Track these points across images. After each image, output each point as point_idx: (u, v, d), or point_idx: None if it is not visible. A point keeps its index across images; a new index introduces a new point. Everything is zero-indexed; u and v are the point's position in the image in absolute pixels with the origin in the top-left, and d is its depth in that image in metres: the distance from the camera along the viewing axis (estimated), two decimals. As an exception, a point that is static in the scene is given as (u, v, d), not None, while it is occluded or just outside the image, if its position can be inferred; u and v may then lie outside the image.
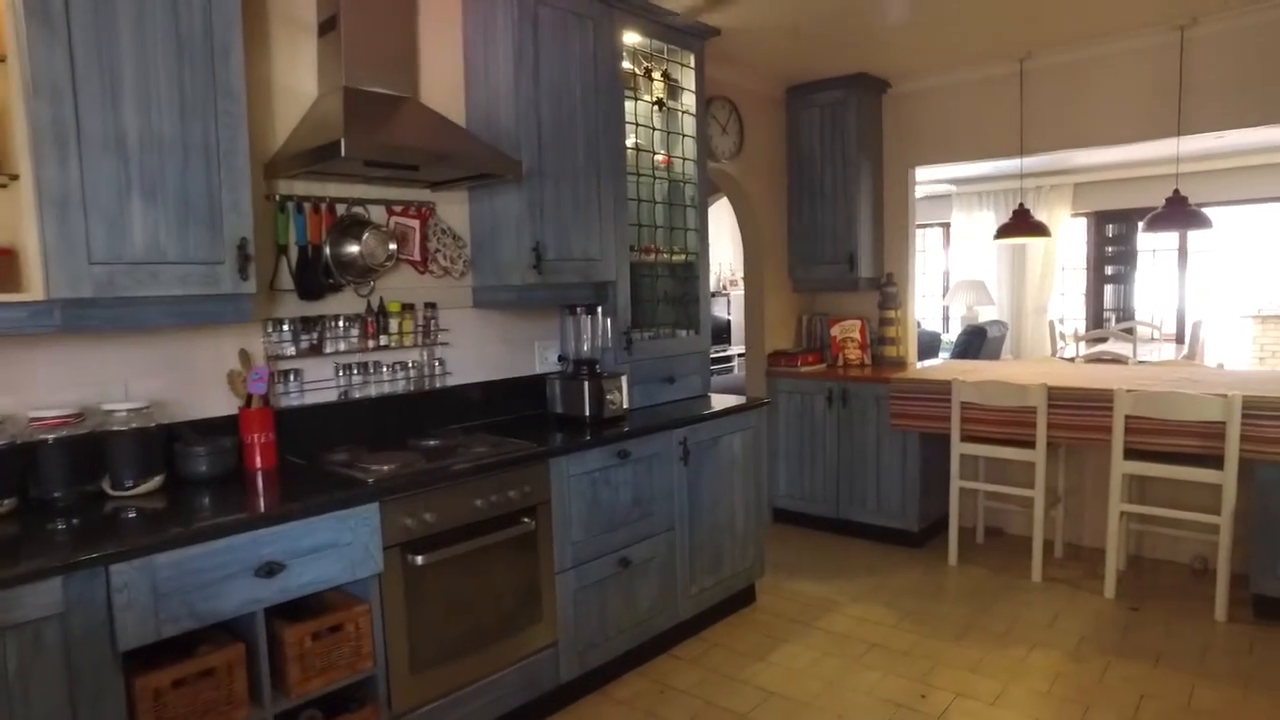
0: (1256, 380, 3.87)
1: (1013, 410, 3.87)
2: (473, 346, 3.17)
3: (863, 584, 3.97)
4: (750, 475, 3.60)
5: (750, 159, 4.67)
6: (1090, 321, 8.96)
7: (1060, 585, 3.89)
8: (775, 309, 4.93)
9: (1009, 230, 4.71)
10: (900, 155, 4.88)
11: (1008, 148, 4.49)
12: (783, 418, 4.78)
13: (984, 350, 7.10)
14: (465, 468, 2.41)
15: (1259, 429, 3.33)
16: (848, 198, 4.70)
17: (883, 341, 4.85)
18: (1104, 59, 4.17)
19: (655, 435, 3.09)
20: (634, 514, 3.01)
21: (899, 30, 3.96)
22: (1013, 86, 4.43)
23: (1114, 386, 3.62)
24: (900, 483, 4.39)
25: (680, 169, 3.69)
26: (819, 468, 4.67)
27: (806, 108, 4.82)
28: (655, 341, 3.54)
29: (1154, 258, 8.76)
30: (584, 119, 3.11)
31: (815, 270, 4.86)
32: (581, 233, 3.12)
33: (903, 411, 4.26)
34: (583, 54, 3.10)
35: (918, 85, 4.76)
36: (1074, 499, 4.36)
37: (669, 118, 3.66)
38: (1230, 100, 3.88)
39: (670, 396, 3.57)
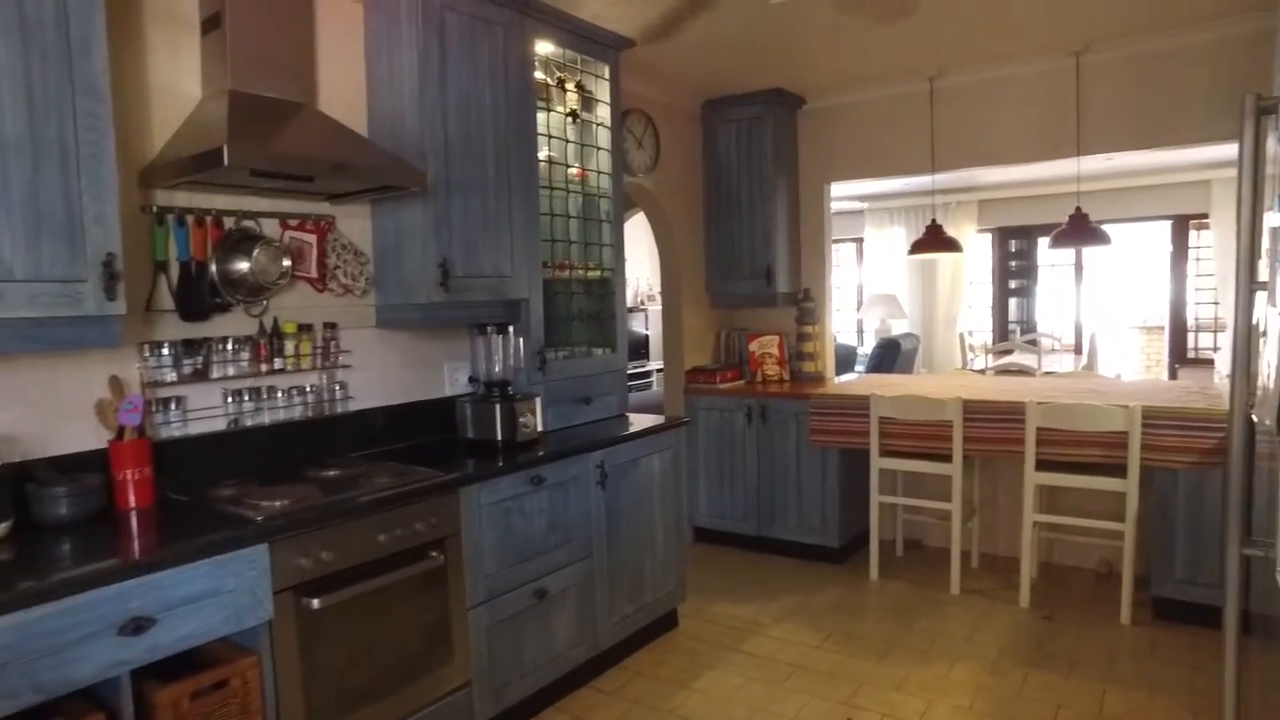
0: (1151, 390, 4.01)
1: (930, 424, 3.89)
2: (377, 368, 2.99)
3: (786, 603, 3.92)
4: (670, 497, 3.52)
5: (667, 173, 4.61)
6: (997, 333, 9.25)
7: (978, 597, 3.93)
8: (693, 325, 4.88)
9: (923, 246, 4.79)
10: (816, 171, 4.91)
11: (919, 165, 4.56)
12: (702, 435, 4.72)
13: (898, 363, 7.24)
14: (366, 501, 2.24)
15: (1158, 438, 3.43)
16: (764, 213, 4.69)
17: (801, 357, 4.85)
18: (1009, 81, 4.28)
19: (571, 459, 2.96)
20: (550, 542, 2.88)
21: (812, 48, 3.97)
22: (923, 105, 4.50)
23: (1024, 399, 3.69)
24: (820, 499, 4.37)
25: (595, 183, 3.59)
26: (739, 486, 4.63)
27: (723, 122, 4.80)
28: (570, 361, 3.42)
29: (1054, 272, 9.12)
30: (494, 130, 2.98)
31: (733, 285, 4.83)
32: (491, 248, 2.98)
33: (822, 428, 4.25)
34: (492, 62, 2.98)
35: (832, 102, 4.80)
36: (989, 509, 4.43)
37: (583, 130, 3.56)
38: (1121, 124, 4.02)
39: (587, 417, 3.46)
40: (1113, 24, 3.73)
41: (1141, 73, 3.95)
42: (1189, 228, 8.17)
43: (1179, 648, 3.35)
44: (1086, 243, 4.10)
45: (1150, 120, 3.96)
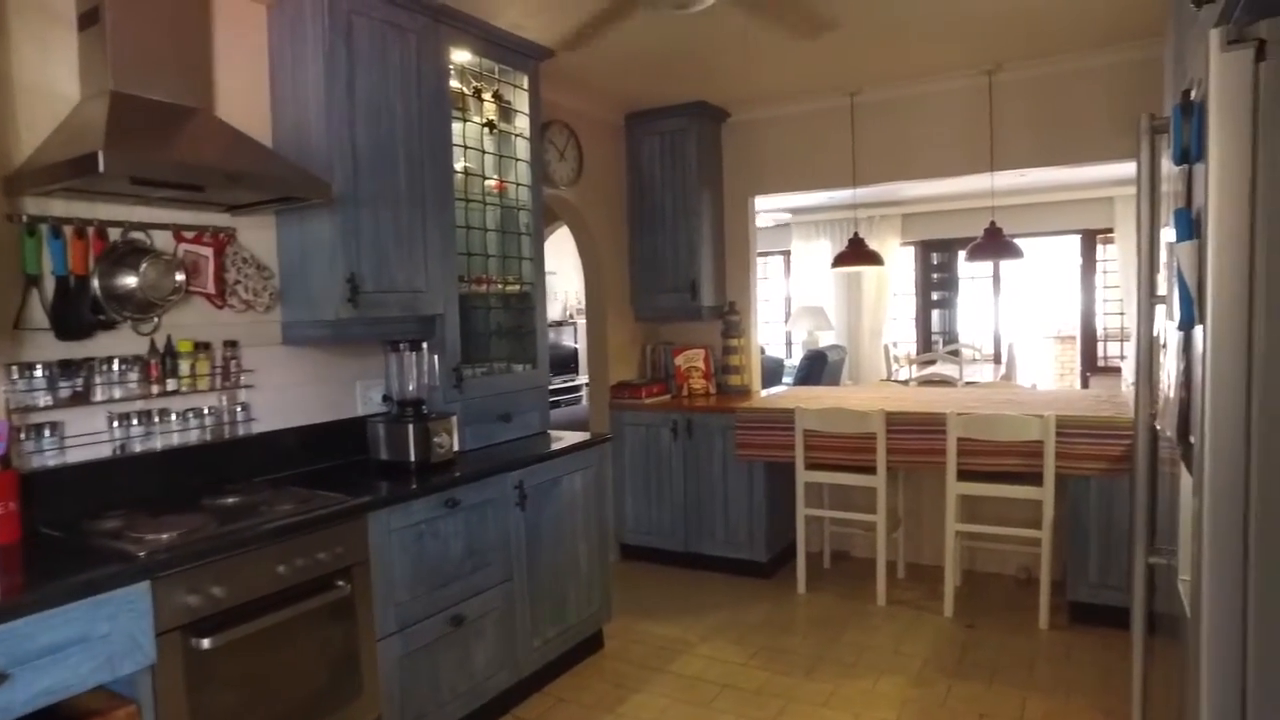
0: (1065, 400, 4.11)
1: (854, 437, 3.91)
2: (283, 388, 2.84)
3: (713, 621, 3.88)
4: (594, 515, 3.44)
5: (590, 186, 4.55)
6: (920, 344, 9.46)
7: (904, 608, 3.95)
8: (618, 339, 4.82)
9: (845, 259, 4.83)
10: (740, 184, 4.92)
11: (841, 178, 4.61)
12: (628, 451, 4.66)
13: (825, 374, 7.31)
14: (265, 530, 2.10)
15: (1071, 446, 3.51)
16: (689, 226, 4.67)
17: (727, 370, 4.84)
18: (926, 98, 4.36)
19: (488, 480, 2.86)
20: (467, 567, 2.77)
21: (733, 62, 3.97)
22: (845, 120, 4.56)
23: (945, 410, 3.73)
24: (747, 513, 4.35)
25: (514, 195, 3.51)
26: (666, 501, 4.58)
27: (647, 135, 4.77)
28: (489, 378, 3.32)
29: (974, 284, 9.39)
30: (407, 140, 2.88)
31: (658, 299, 4.79)
32: (404, 262, 2.87)
33: (747, 441, 4.23)
34: (404, 70, 2.88)
35: (756, 115, 4.82)
36: (913, 519, 4.48)
37: (502, 141, 3.48)
38: (1030, 141, 4.13)
39: (507, 436, 3.36)
40: (1019, 46, 3.83)
41: (1047, 93, 4.07)
42: (1096, 242, 8.50)
43: (1093, 650, 3.42)
44: (1000, 256, 4.21)
45: (1056, 138, 4.08)
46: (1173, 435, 1.58)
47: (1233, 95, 1.27)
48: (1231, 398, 1.26)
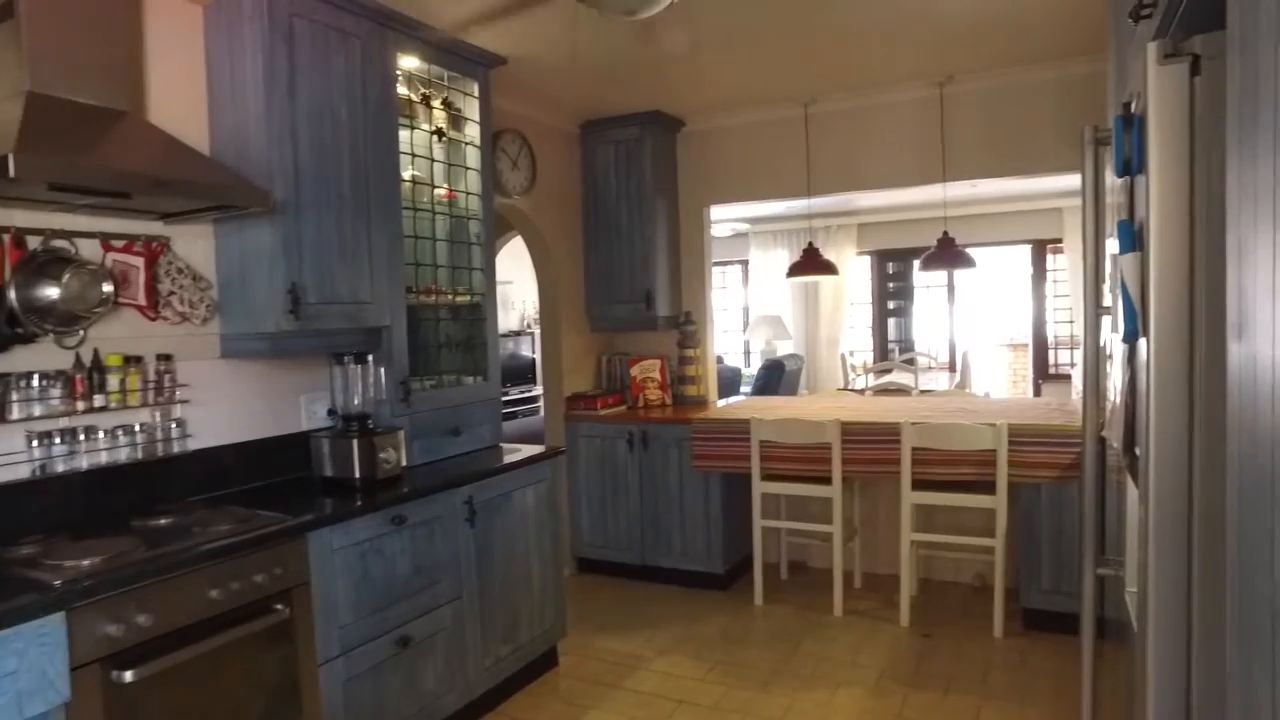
0: (1017, 408, 4.15)
1: (809, 447, 3.90)
2: (223, 403, 2.74)
3: (670, 634, 3.83)
4: (547, 530, 3.38)
5: (544, 195, 4.50)
6: (877, 353, 9.55)
7: (860, 618, 3.95)
8: (573, 350, 4.77)
9: (800, 269, 4.84)
10: (695, 193, 4.91)
11: (796, 188, 4.62)
12: (584, 463, 4.60)
13: (783, 383, 7.33)
14: (197, 553, 2.01)
15: (1023, 454, 3.53)
16: (644, 236, 4.64)
17: (683, 381, 4.81)
18: (880, 109, 4.39)
19: (436, 496, 2.79)
20: (414, 586, 2.69)
21: (687, 71, 3.95)
22: (799, 129, 4.57)
23: (900, 420, 3.74)
24: (704, 525, 4.32)
25: (464, 204, 3.45)
26: (622, 514, 4.52)
27: (602, 144, 4.74)
28: (438, 391, 3.24)
29: (929, 293, 9.51)
30: (352, 147, 2.80)
31: (613, 309, 4.75)
32: (349, 272, 2.79)
33: (704, 453, 4.20)
34: (349, 75, 2.80)
35: (711, 125, 4.81)
36: (869, 529, 4.48)
37: (452, 149, 3.41)
38: (981, 152, 4.18)
39: (456, 450, 3.29)
40: (969, 58, 3.88)
41: (997, 105, 4.12)
42: (1046, 251, 8.66)
43: (1047, 656, 3.44)
44: (953, 265, 4.24)
45: (1005, 150, 4.13)
46: (1119, 446, 1.57)
47: (1170, 108, 1.26)
48: (1174, 410, 1.25)
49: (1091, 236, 1.74)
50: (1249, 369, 0.92)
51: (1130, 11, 1.67)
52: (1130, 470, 1.48)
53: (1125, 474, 1.57)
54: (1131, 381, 1.42)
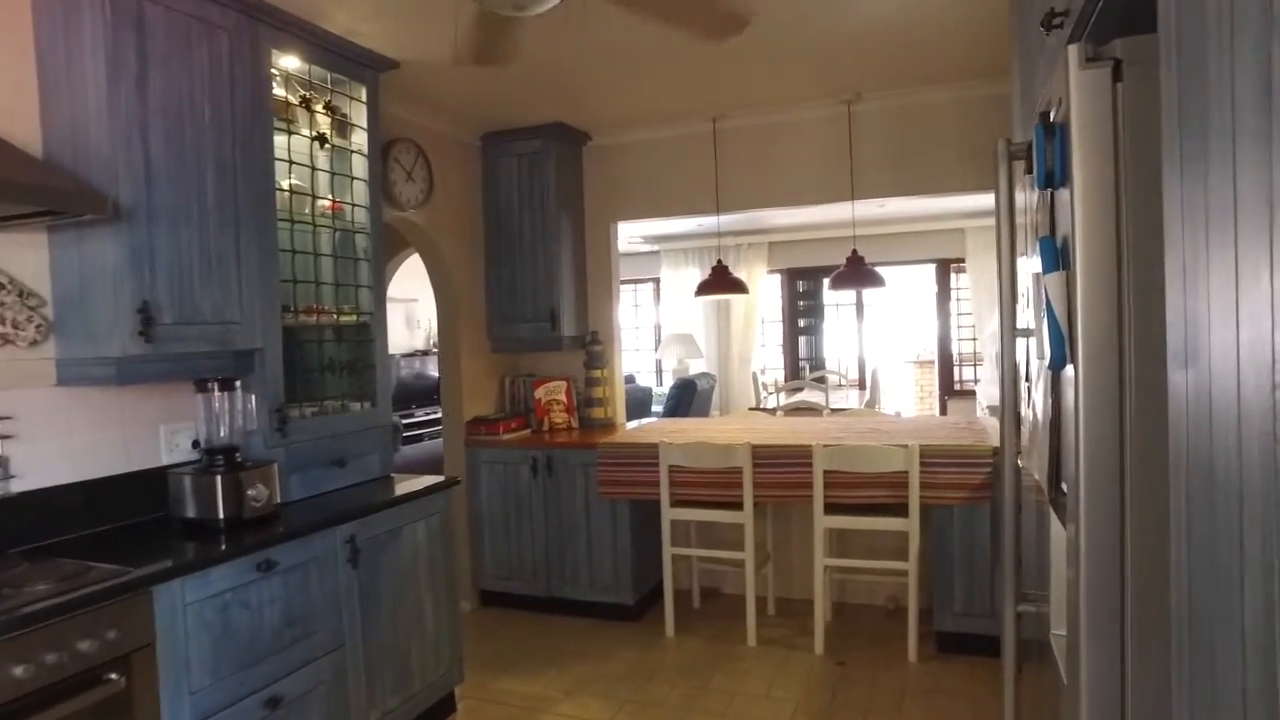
0: (927, 428, 4.13)
1: (719, 472, 3.77)
2: (59, 437, 2.41)
3: (577, 672, 3.62)
4: (441, 566, 3.13)
5: (441, 208, 4.27)
6: (788, 371, 9.58)
7: (775, 647, 3.82)
8: (474, 371, 4.53)
9: (709, 287, 4.73)
10: (601, 209, 4.75)
11: (705, 205, 4.52)
12: (485, 491, 4.36)
13: (695, 403, 7.23)
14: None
15: (935, 476, 3.48)
16: (548, 252, 4.45)
17: (590, 403, 4.63)
18: (788, 125, 4.33)
19: (313, 536, 2.52)
20: (286, 638, 2.41)
21: (591, 83, 3.81)
22: (708, 145, 4.47)
23: (812, 442, 3.65)
24: (612, 554, 4.13)
25: (351, 216, 3.19)
26: (527, 544, 4.30)
27: (504, 156, 4.54)
28: (320, 419, 2.97)
29: (838, 311, 9.61)
30: (217, 149, 2.53)
31: (516, 329, 4.54)
32: (213, 289, 2.51)
33: (611, 479, 4.02)
34: (215, 71, 2.54)
35: (617, 139, 4.68)
36: (782, 553, 4.38)
37: (338, 158, 3.16)
38: (887, 171, 4.17)
39: (341, 483, 3.01)
40: (876, 77, 3.85)
41: (904, 124, 4.12)
42: (950, 270, 8.87)
43: (961, 680, 3.39)
44: (862, 284, 4.21)
45: (912, 169, 4.13)
46: (1041, 478, 1.47)
47: (1093, 115, 1.16)
48: (1106, 445, 1.14)
49: (1006, 255, 1.64)
50: (1199, 400, 0.79)
51: (1041, 20, 1.59)
52: (1054, 505, 1.37)
53: (1048, 507, 1.46)
54: (1056, 410, 1.32)
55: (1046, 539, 1.51)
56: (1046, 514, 1.49)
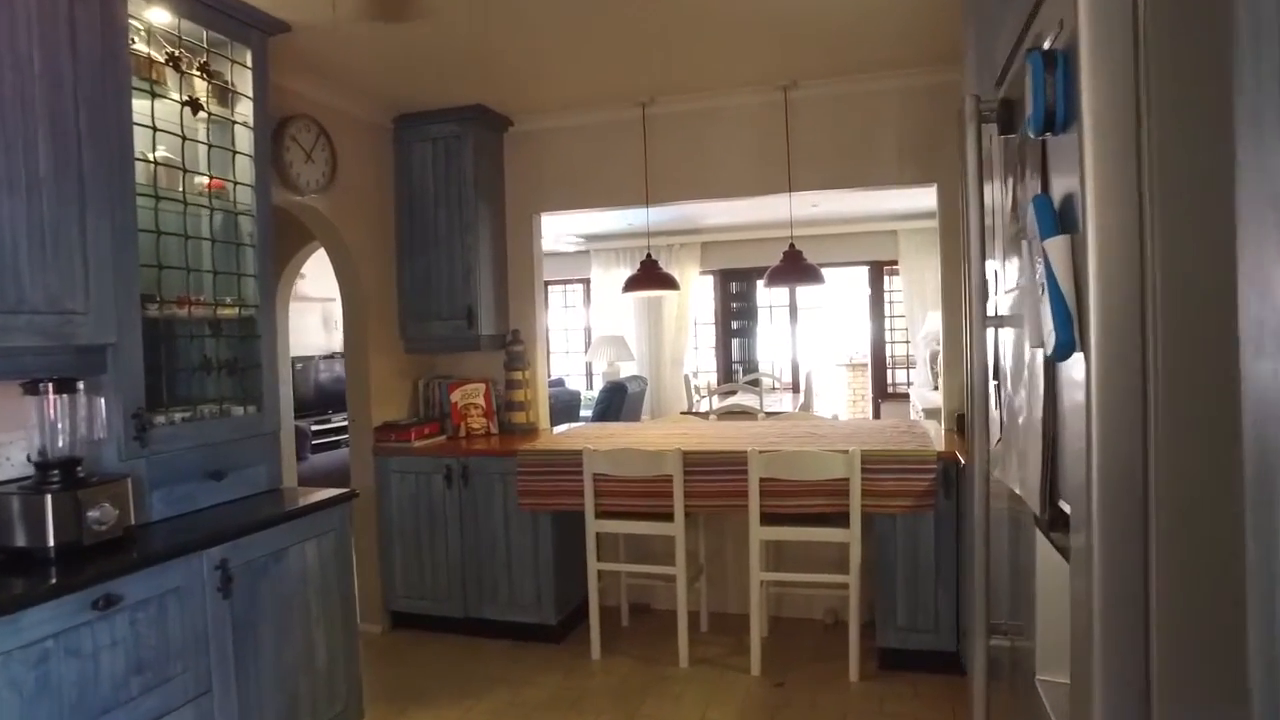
0: (866, 432, 3.93)
1: (649, 480, 3.49)
2: None
3: (495, 701, 3.30)
4: (336, 590, 2.78)
5: (347, 194, 3.89)
6: (721, 374, 9.39)
7: (709, 668, 3.56)
8: (384, 373, 4.16)
9: (638, 283, 4.45)
10: (524, 200, 4.44)
11: (633, 196, 4.25)
12: (395, 502, 3.99)
13: (625, 406, 6.96)
14: None
15: (877, 483, 3.28)
16: (465, 245, 4.12)
17: (511, 407, 4.30)
18: (722, 112, 4.10)
19: (173, 563, 2.15)
20: (134, 688, 2.03)
21: (512, 62, 3.50)
22: (636, 132, 4.21)
23: (747, 447, 3.40)
24: (534, 570, 3.81)
25: (234, 196, 2.82)
26: (441, 560, 3.95)
27: (419, 140, 4.19)
28: (194, 425, 2.59)
29: (771, 313, 9.47)
30: (51, 108, 2.14)
31: (430, 327, 4.19)
32: (47, 273, 2.11)
33: (531, 488, 3.71)
34: (51, 15, 2.15)
35: (541, 125, 4.37)
36: (716, 565, 4.12)
37: (218, 130, 2.79)
38: (826, 162, 3.98)
39: (218, 498, 2.63)
40: (813, 62, 3.65)
41: (843, 114, 3.93)
42: (883, 273, 8.81)
43: (905, 700, 3.19)
44: (801, 280, 3.99)
45: (851, 161, 3.94)
46: (1024, 492, 1.23)
47: (1108, 31, 0.92)
48: (1127, 455, 0.89)
49: (976, 230, 1.41)
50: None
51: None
52: (1046, 525, 1.13)
53: (1033, 528, 1.22)
54: (1051, 411, 1.07)
55: (1029, 565, 1.28)
56: (1030, 536, 1.25)
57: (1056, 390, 1.06)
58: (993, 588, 1.50)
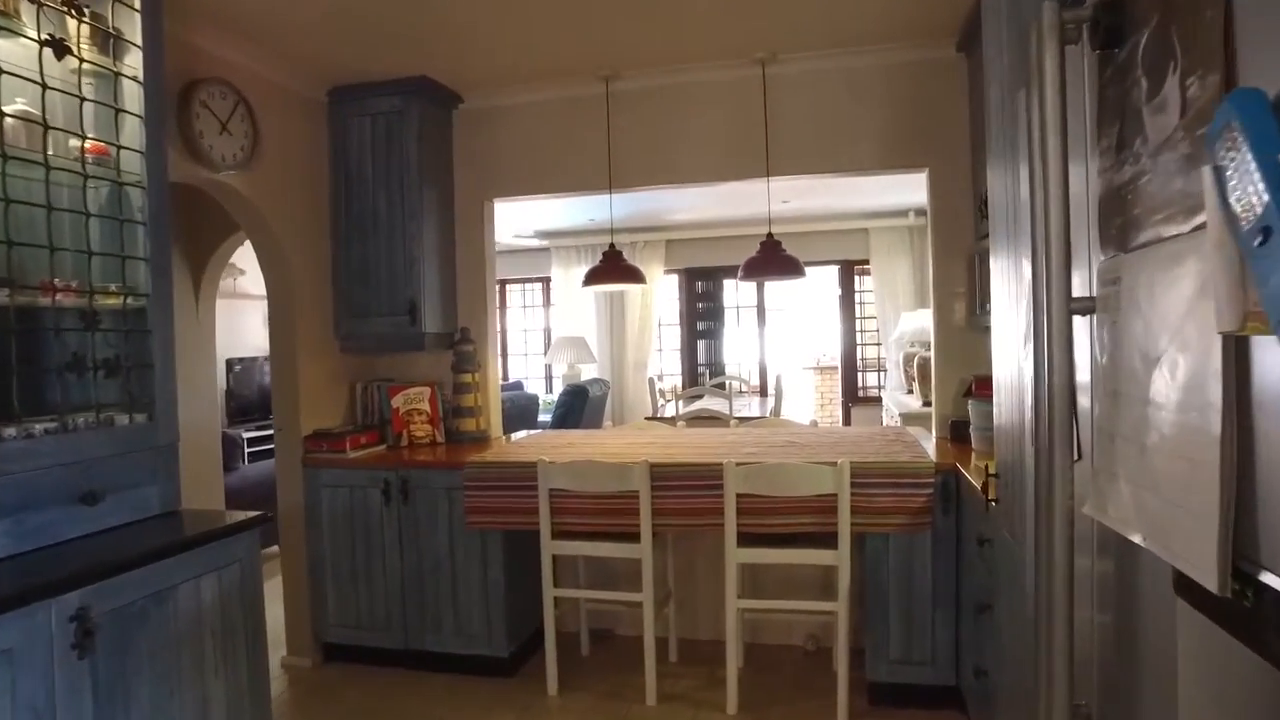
0: (853, 441, 3.57)
1: (612, 496, 3.10)
2: None
3: (433, 752, 2.88)
4: (242, 630, 2.33)
5: (272, 173, 3.44)
6: (686, 377, 9.03)
7: (679, 704, 3.18)
8: (316, 375, 3.71)
9: (600, 276, 4.03)
10: (474, 185, 4.02)
11: (595, 181, 3.86)
12: (327, 520, 3.55)
13: (586, 411, 6.55)
14: None
15: (870, 499, 2.92)
16: (408, 233, 3.69)
17: (459, 413, 3.88)
18: (693, 88, 3.73)
19: (5, 617, 1.69)
20: (-50, 778, 1.58)
21: (459, 28, 3.09)
22: (599, 111, 3.82)
23: (722, 459, 3.03)
24: (483, 597, 3.40)
25: (118, 163, 2.36)
26: (378, 585, 3.51)
27: (356, 116, 3.75)
28: (58, 438, 2.13)
29: (739, 314, 9.12)
30: None
31: (369, 324, 3.75)
32: None
33: (479, 505, 3.29)
34: None
35: (493, 101, 3.96)
36: (686, 586, 3.74)
37: (100, 84, 2.33)
38: (808, 143, 3.63)
39: (90, 528, 2.18)
40: (791, 32, 3.29)
41: (825, 91, 3.59)
42: (854, 272, 8.53)
43: (898, 746, 2.83)
44: (780, 273, 3.62)
45: (833, 143, 3.60)
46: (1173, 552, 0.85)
47: None
48: None
49: (1058, 190, 1.04)
50: None
51: None
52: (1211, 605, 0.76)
53: (1175, 598, 0.85)
54: (1244, 427, 0.70)
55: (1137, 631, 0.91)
56: (1169, 604, 0.88)
57: (1250, 400, 0.69)
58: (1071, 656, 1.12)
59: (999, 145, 1.76)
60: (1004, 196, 1.69)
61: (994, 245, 1.85)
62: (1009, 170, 1.63)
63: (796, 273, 3.56)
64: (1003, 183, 1.73)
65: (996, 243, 1.82)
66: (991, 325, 1.98)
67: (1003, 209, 1.71)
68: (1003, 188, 1.73)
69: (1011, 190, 1.60)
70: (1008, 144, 1.65)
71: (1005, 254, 1.70)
